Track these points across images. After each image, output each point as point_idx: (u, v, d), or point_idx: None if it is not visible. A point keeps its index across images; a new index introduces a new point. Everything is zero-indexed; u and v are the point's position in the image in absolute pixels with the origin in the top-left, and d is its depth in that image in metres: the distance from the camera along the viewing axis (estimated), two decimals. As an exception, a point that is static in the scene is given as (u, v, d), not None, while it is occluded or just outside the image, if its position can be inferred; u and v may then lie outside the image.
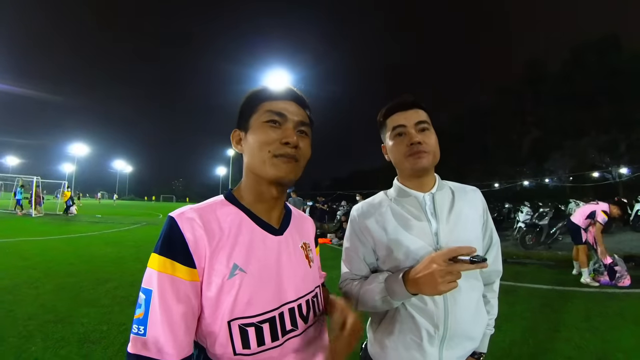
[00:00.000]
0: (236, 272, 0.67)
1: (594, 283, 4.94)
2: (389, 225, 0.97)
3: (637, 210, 11.12)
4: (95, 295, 4.03)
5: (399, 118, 0.97)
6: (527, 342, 2.97)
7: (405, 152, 0.95)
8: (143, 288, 0.63)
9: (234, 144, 0.81)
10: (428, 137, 0.95)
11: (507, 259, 6.96)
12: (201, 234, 0.65)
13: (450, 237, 0.92)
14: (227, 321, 0.65)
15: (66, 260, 5.98)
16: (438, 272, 0.75)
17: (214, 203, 0.74)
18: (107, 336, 2.88)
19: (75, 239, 8.91)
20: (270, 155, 0.73)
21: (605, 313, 3.76)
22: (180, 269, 0.62)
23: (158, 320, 0.60)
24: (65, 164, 29.61)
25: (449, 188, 1.03)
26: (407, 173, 0.99)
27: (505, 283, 4.90)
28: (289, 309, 0.73)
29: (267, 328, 0.69)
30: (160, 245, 0.64)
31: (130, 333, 0.62)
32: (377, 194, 1.09)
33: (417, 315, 0.91)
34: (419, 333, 0.91)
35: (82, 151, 29.27)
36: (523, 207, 10.70)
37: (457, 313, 0.90)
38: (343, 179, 61.70)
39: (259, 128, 0.74)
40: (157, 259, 0.63)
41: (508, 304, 3.95)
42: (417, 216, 0.96)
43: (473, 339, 0.96)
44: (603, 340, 3.03)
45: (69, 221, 14.28)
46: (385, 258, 0.97)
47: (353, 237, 1.03)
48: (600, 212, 5.09)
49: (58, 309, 3.49)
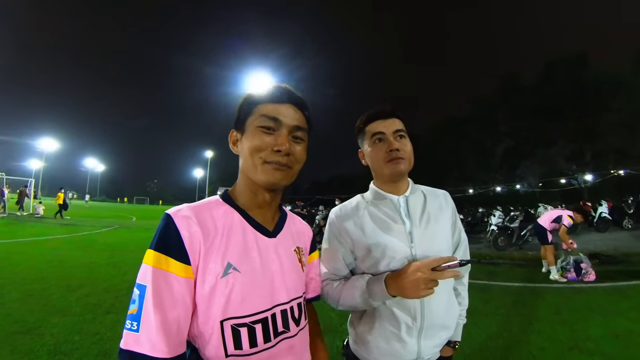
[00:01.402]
0: (230, 271, 0.67)
1: (562, 279, 5.27)
2: (366, 227, 1.02)
3: (600, 213, 11.97)
4: (65, 303, 3.77)
5: (379, 126, 1.03)
6: (502, 336, 3.11)
7: (384, 157, 1.01)
8: (137, 284, 0.62)
9: (231, 144, 0.81)
10: (405, 145, 1.02)
11: (481, 259, 7.26)
12: (197, 231, 0.66)
13: (423, 237, 1.00)
14: (220, 321, 0.65)
15: (33, 265, 5.61)
16: (423, 280, 0.83)
17: (210, 202, 0.75)
18: (80, 347, 2.69)
19: (42, 242, 8.39)
20: (261, 162, 0.73)
21: (573, 306, 4.00)
22: (175, 265, 0.63)
23: (152, 317, 0.59)
24: (32, 160, 27.43)
25: (421, 192, 1.11)
26: (385, 178, 1.06)
27: (479, 282, 5.14)
28: (281, 311, 0.74)
29: (260, 329, 0.69)
30: (156, 241, 0.64)
31: (124, 329, 0.61)
32: (354, 198, 1.15)
33: (396, 309, 0.97)
34: (399, 325, 0.97)
35: (52, 147, 27.27)
36: (495, 211, 11.18)
37: (432, 305, 0.97)
38: (322, 184, 61.84)
39: (253, 133, 0.74)
40: (152, 254, 0.63)
41: (483, 301, 4.13)
42: (392, 218, 1.02)
43: (447, 328, 1.04)
44: (572, 331, 3.22)
45: (36, 222, 13.40)
46: (363, 257, 1.02)
47: (332, 238, 1.08)
48: (566, 216, 5.59)
49: (25, 319, 3.23)
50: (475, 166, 34.97)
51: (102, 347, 2.70)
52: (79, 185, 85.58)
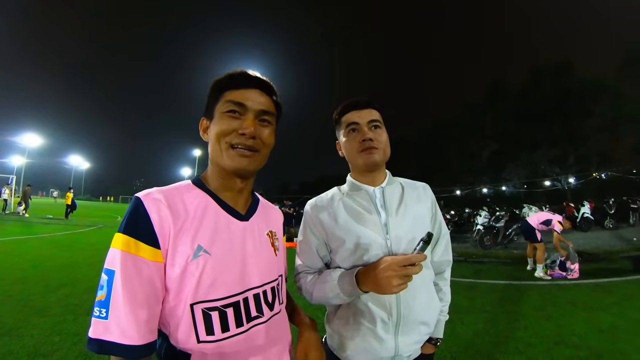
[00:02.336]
0: (200, 253, 0.66)
1: (547, 277, 5.39)
2: (340, 218, 1.00)
3: (583, 213, 12.34)
4: (45, 303, 3.66)
5: (353, 116, 1.02)
6: (489, 332, 3.14)
7: (358, 147, 1.00)
8: (105, 269, 0.60)
9: (201, 132, 0.80)
10: (379, 135, 1.00)
11: (467, 258, 7.37)
12: (167, 214, 0.64)
13: (399, 229, 0.97)
14: (190, 304, 0.64)
15: (12, 265, 5.42)
16: (394, 277, 0.81)
17: (181, 186, 0.74)
18: (60, 348, 2.63)
19: (22, 242, 8.13)
20: (227, 146, 0.73)
21: (558, 302, 4.08)
22: (144, 249, 0.61)
23: (120, 302, 0.58)
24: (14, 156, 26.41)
25: (399, 183, 1.09)
26: (360, 168, 1.04)
27: (466, 280, 5.19)
28: (253, 295, 0.73)
29: (232, 313, 0.68)
30: (125, 224, 0.62)
31: (92, 317, 0.59)
32: (330, 190, 1.12)
33: (371, 303, 0.94)
34: (374, 321, 0.94)
35: (34, 142, 26.32)
36: (481, 211, 11.33)
37: (408, 300, 0.94)
38: (311, 184, 61.92)
39: (220, 118, 0.74)
40: (121, 238, 0.61)
41: (469, 298, 4.15)
42: (367, 208, 1.00)
43: (427, 324, 1.00)
44: (558, 326, 3.29)
45: (16, 221, 12.94)
46: (337, 249, 1.00)
47: (306, 230, 1.06)
48: (556, 222, 5.71)
49: (4, 320, 3.15)
50: (462, 168, 35.64)
51: (83, 348, 2.61)
52: (63, 183, 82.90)
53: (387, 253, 0.93)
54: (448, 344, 2.82)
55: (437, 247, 1.10)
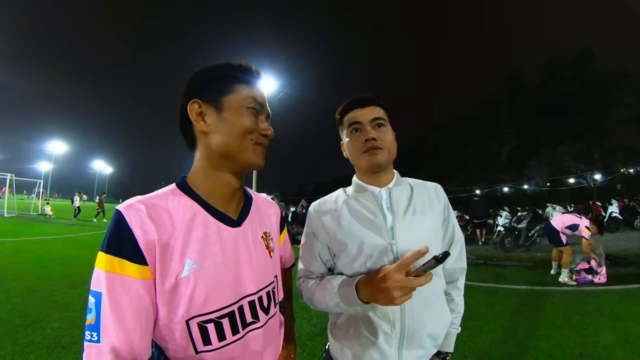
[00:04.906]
0: (190, 269, 0.63)
1: (572, 282, 5.09)
2: (343, 220, 0.95)
3: (610, 213, 11.52)
4: (67, 299, 3.87)
5: (355, 115, 0.96)
6: (507, 342, 3.00)
7: (361, 148, 0.94)
8: (92, 291, 0.58)
9: (194, 116, 0.71)
10: (384, 134, 0.94)
11: (487, 261, 7.10)
12: (151, 228, 0.61)
13: (406, 233, 0.90)
14: (186, 320, 0.62)
15: (39, 263, 5.73)
16: (394, 288, 0.74)
17: (165, 193, 0.69)
18: (79, 341, 2.76)
19: (49, 241, 8.55)
20: (252, 143, 0.72)
21: (583, 310, 3.86)
22: (129, 267, 0.58)
23: (110, 325, 0.56)
24: (42, 162, 28.14)
25: (408, 184, 1.02)
26: (364, 170, 0.98)
27: (485, 284, 5.00)
28: (249, 302, 0.71)
29: (227, 323, 0.67)
30: (107, 242, 0.59)
31: (83, 341, 0.57)
32: (335, 191, 1.08)
33: (372, 314, 0.88)
34: (376, 332, 0.88)
35: (60, 149, 27.90)
36: (502, 211, 10.96)
37: (414, 310, 0.88)
38: (327, 184, 61.94)
39: (241, 112, 0.70)
40: (104, 257, 0.58)
41: (488, 304, 4.01)
42: (372, 211, 0.94)
43: (435, 338, 0.93)
44: (582, 337, 3.10)
45: (44, 222, 13.66)
46: (339, 254, 0.95)
47: (309, 233, 1.02)
48: (584, 228, 5.24)
49: (28, 313, 3.36)
50: (481, 166, 34.68)
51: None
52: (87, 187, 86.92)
53: (393, 259, 0.87)
54: (464, 353, 2.73)
55: (450, 252, 1.03)
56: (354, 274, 0.91)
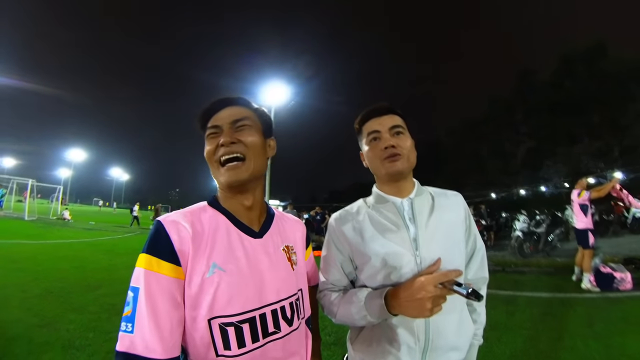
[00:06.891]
0: (215, 270, 0.70)
1: (595, 288, 4.85)
2: (366, 232, 0.94)
3: (635, 213, 11.01)
4: (83, 301, 3.93)
5: (374, 124, 0.97)
6: (528, 353, 2.86)
7: (380, 156, 0.94)
8: (131, 286, 0.65)
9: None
10: (403, 141, 0.94)
11: (506, 268, 6.88)
12: (186, 234, 0.69)
13: (430, 244, 0.89)
14: (208, 319, 0.67)
15: (56, 266, 5.87)
16: (428, 299, 0.75)
17: (198, 208, 0.79)
18: (92, 343, 2.79)
19: (67, 245, 8.80)
20: (217, 165, 0.78)
21: (608, 318, 3.67)
22: (165, 267, 0.66)
23: (145, 318, 0.62)
24: (62, 169, 29.41)
25: (429, 193, 1.01)
26: (384, 178, 0.98)
27: (504, 292, 4.82)
28: (271, 311, 0.75)
29: (247, 328, 0.70)
30: (148, 245, 0.68)
31: (119, 331, 0.63)
32: (356, 202, 1.07)
33: (396, 326, 0.87)
34: (398, 346, 0.87)
35: (79, 157, 29.04)
36: (520, 215, 10.64)
37: (438, 323, 0.86)
38: (342, 192, 61.96)
39: (205, 143, 0.81)
40: (144, 257, 0.66)
41: (508, 313, 3.84)
42: (394, 222, 0.93)
43: (458, 350, 0.91)
44: (607, 346, 2.94)
45: (63, 227, 14.10)
46: (362, 266, 0.94)
47: (330, 244, 1.01)
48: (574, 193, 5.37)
49: (44, 314, 3.41)
50: (496, 169, 33.82)
51: (113, 346, 2.72)
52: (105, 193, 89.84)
53: (417, 271, 0.86)
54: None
55: (472, 263, 1.01)
56: (377, 287, 0.91)
